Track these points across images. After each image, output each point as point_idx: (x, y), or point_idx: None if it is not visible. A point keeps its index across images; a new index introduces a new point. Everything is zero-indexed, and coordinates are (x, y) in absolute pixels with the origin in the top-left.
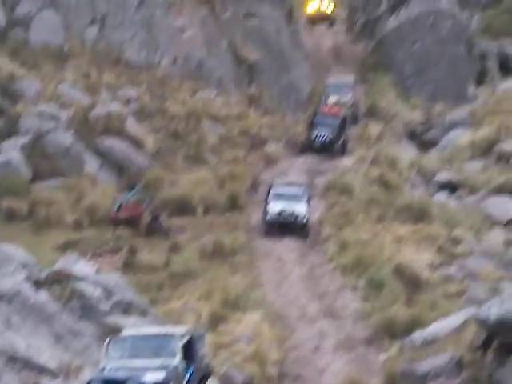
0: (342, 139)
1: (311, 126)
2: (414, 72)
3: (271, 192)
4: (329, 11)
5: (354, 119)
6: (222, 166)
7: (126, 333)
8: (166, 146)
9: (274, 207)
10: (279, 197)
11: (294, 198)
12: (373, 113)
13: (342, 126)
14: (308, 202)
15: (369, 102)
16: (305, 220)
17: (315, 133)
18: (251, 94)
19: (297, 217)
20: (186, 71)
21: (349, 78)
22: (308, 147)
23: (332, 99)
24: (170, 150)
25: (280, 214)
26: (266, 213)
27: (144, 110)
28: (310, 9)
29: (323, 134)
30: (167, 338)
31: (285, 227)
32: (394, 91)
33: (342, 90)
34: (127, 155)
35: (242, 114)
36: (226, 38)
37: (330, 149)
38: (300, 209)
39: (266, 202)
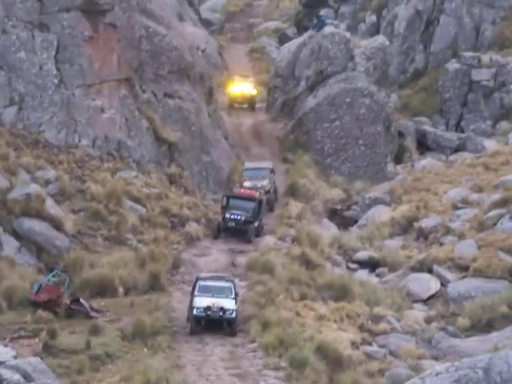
0: (257, 222)
1: (225, 208)
2: (334, 150)
3: (198, 285)
4: (252, 93)
5: (271, 205)
6: (143, 247)
7: None
8: (86, 226)
9: (201, 302)
10: (206, 291)
11: (221, 292)
12: (293, 192)
13: (258, 208)
14: (236, 296)
15: (289, 180)
16: (233, 315)
17: (229, 215)
18: (171, 174)
19: (225, 312)
20: (106, 151)
21: (267, 163)
22: (223, 229)
23: (247, 183)
24: (90, 231)
25: (207, 309)
26: (192, 308)
27: (64, 191)
28: (235, 90)
29: (237, 216)
30: None
31: (212, 323)
32: (313, 170)
33: (259, 175)
34: (47, 237)
35: (162, 194)
36: (145, 118)
37: (244, 231)
38: (228, 304)
39: (192, 296)
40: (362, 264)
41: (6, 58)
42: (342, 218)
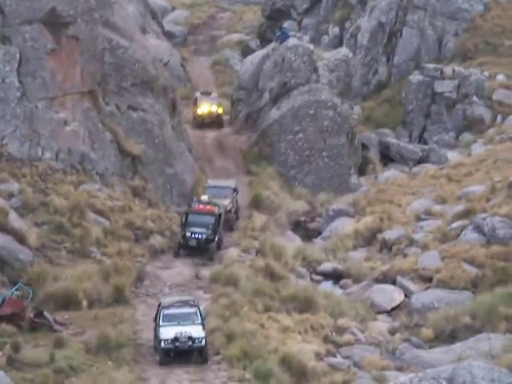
0: (217, 237)
1: (185, 225)
2: (297, 162)
3: (161, 314)
4: (218, 111)
5: (231, 225)
6: (107, 259)
7: None
8: (50, 239)
9: (168, 333)
10: (171, 319)
11: (187, 318)
12: (257, 204)
13: (217, 223)
14: (203, 321)
15: (252, 192)
16: (203, 343)
17: (190, 234)
18: (135, 187)
19: (194, 341)
20: (69, 164)
21: (230, 182)
22: (184, 247)
23: (204, 198)
24: (53, 244)
25: (175, 340)
26: (158, 340)
27: (27, 204)
28: (201, 111)
29: (199, 235)
30: None
31: (182, 353)
32: (277, 182)
33: (221, 194)
34: (10, 250)
35: (126, 207)
36: (109, 131)
37: (205, 248)
38: (196, 332)
39: (157, 326)
40: (326, 276)
41: None
42: (305, 229)
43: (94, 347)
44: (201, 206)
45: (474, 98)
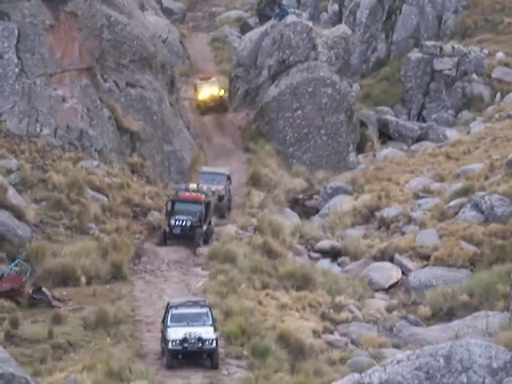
0: (205, 226)
1: (171, 213)
2: (296, 140)
3: (170, 314)
4: (221, 94)
5: (222, 213)
6: (105, 236)
7: None
8: (48, 216)
9: (176, 334)
10: (180, 319)
11: (198, 319)
12: (255, 181)
13: (205, 212)
14: (214, 323)
15: (251, 170)
16: (213, 345)
17: (174, 221)
18: (133, 164)
19: (204, 343)
20: (68, 141)
21: (224, 169)
22: (169, 236)
23: (193, 186)
24: (52, 221)
25: (184, 341)
26: (165, 341)
27: (25, 181)
28: (202, 95)
29: (183, 222)
30: None
31: (190, 356)
32: (275, 159)
33: (214, 180)
34: (9, 226)
35: (124, 184)
36: (107, 108)
37: (191, 236)
38: (207, 333)
39: (165, 326)
40: (324, 253)
41: None
42: (303, 207)
43: (92, 323)
44: (187, 194)
45: (474, 75)
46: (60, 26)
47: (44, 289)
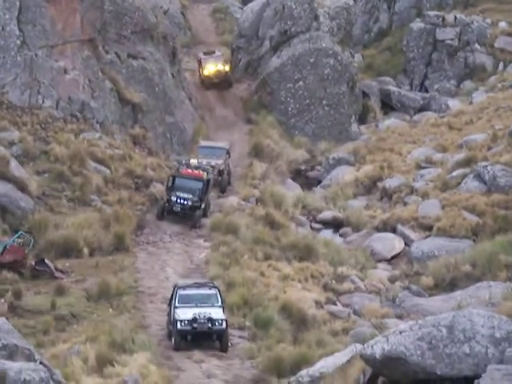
0: (203, 204)
1: (171, 188)
2: (298, 111)
3: (177, 295)
4: (226, 69)
5: (223, 187)
6: (107, 208)
7: None
8: (51, 188)
9: (185, 314)
10: (188, 300)
11: (206, 300)
12: (257, 152)
13: (205, 189)
14: (223, 304)
15: (253, 141)
16: (223, 326)
17: (175, 198)
18: (135, 135)
19: (214, 323)
20: (70, 113)
21: (223, 144)
22: (168, 211)
23: (194, 162)
24: (54, 192)
25: (193, 321)
26: (174, 321)
27: (28, 153)
28: (207, 71)
29: (184, 201)
30: None
31: (199, 337)
32: (277, 130)
33: (214, 154)
34: (11, 198)
35: (126, 155)
36: (109, 79)
37: (191, 213)
38: (216, 314)
39: (172, 307)
40: (326, 224)
41: None
42: (305, 178)
43: (94, 295)
44: (189, 171)
45: (476, 45)
46: None
47: (47, 260)
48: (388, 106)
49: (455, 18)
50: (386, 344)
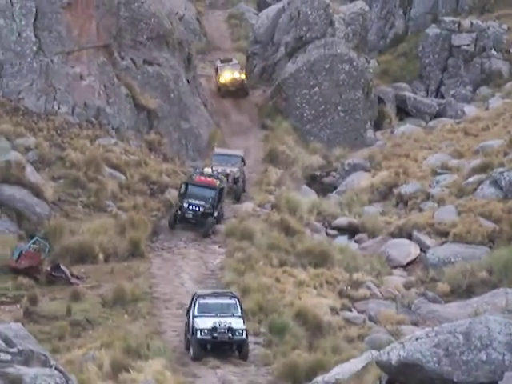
0: (216, 212)
1: (184, 195)
2: (313, 117)
3: (197, 304)
4: (242, 77)
5: (238, 195)
6: (123, 214)
7: None
8: (66, 193)
9: (205, 323)
10: (207, 310)
11: (226, 310)
12: (272, 158)
13: (218, 197)
14: (243, 314)
15: (268, 147)
16: (244, 336)
17: (187, 205)
18: (150, 141)
19: (234, 333)
20: (85, 118)
21: (238, 151)
22: (180, 218)
23: (207, 170)
24: (70, 198)
25: (213, 330)
26: (193, 331)
27: (43, 158)
28: (223, 79)
29: (196, 207)
30: None
31: (219, 347)
32: (292, 136)
33: (229, 162)
34: (27, 204)
35: (141, 161)
36: (124, 85)
37: (203, 221)
38: (236, 323)
39: (191, 317)
40: (342, 230)
41: None
42: (321, 184)
43: (110, 300)
44: (202, 178)
45: (492, 51)
46: (77, 3)
47: (62, 266)
48: (403, 111)
49: (471, 23)
50: (402, 350)
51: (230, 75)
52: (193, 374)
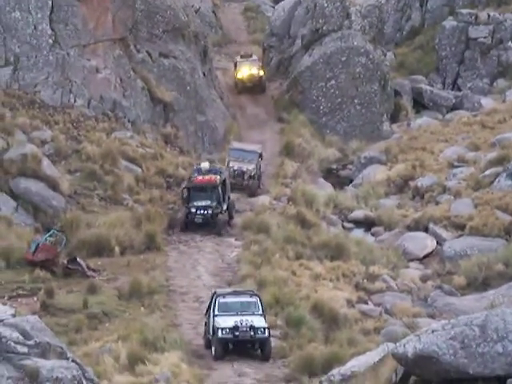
0: (225, 206)
1: (188, 200)
2: (329, 109)
3: (217, 303)
4: (260, 74)
5: (253, 191)
6: (139, 207)
7: None
8: (82, 186)
9: (226, 322)
10: (228, 309)
11: (247, 308)
12: (288, 151)
13: (222, 191)
14: (264, 313)
15: (284, 140)
16: (266, 335)
17: (195, 209)
18: (167, 134)
19: (256, 331)
20: (101, 111)
21: (256, 146)
22: (189, 224)
23: (205, 165)
24: (86, 191)
25: (235, 329)
26: (214, 330)
27: (60, 151)
28: (241, 74)
29: (204, 210)
30: None
31: (241, 345)
32: (309, 129)
33: (246, 158)
34: (43, 197)
35: (157, 154)
36: (140, 78)
37: (213, 221)
38: (258, 322)
39: (211, 316)
40: (358, 223)
41: (1, 18)
42: (337, 177)
43: (126, 293)
44: (200, 178)
45: (509, 43)
46: None
47: (79, 259)
48: (420, 104)
49: (488, 15)
50: (419, 343)
51: (247, 71)
52: (209, 366)
